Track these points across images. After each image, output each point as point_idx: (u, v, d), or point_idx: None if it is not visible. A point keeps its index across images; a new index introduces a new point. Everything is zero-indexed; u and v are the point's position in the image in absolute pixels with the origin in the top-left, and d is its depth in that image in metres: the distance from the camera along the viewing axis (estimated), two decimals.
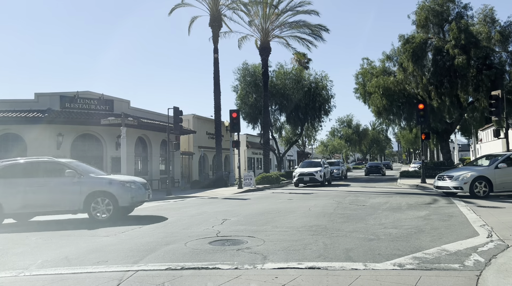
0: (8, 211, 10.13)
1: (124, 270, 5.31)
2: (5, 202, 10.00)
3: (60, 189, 10.27)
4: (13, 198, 10.07)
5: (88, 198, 10.21)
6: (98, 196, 10.26)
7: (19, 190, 10.13)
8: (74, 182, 10.24)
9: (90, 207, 10.21)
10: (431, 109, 27.31)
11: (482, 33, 26.11)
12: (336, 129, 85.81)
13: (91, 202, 10.21)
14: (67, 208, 10.34)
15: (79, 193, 10.18)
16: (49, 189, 10.24)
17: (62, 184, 10.29)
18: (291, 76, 38.14)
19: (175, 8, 30.31)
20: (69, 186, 10.23)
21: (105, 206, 10.27)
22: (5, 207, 10.01)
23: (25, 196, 10.10)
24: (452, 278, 4.58)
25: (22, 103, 23.69)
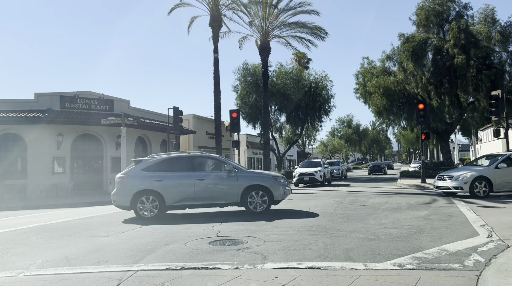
0: (169, 203, 10.47)
1: (124, 270, 5.31)
2: (166, 194, 10.37)
3: (219, 183, 10.70)
4: (174, 191, 10.45)
5: (245, 191, 10.58)
6: (254, 190, 10.62)
7: (179, 183, 10.53)
8: (231, 176, 10.65)
9: (247, 200, 10.57)
10: (431, 109, 27.31)
11: (482, 33, 26.12)
12: (336, 129, 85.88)
13: (248, 195, 10.59)
14: (225, 201, 10.74)
15: (236, 186, 10.58)
16: (209, 183, 10.67)
17: (221, 178, 10.72)
18: (291, 76, 38.14)
19: (174, 8, 30.28)
20: (227, 180, 10.65)
21: (261, 200, 10.60)
22: (167, 199, 10.38)
23: (186, 189, 10.49)
24: (452, 278, 4.58)
25: (22, 103, 23.70)
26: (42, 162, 22.86)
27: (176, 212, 11.52)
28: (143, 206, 10.31)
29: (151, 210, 10.29)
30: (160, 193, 10.32)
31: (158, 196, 10.30)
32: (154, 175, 10.43)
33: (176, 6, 30.14)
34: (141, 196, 10.31)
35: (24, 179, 22.65)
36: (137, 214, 10.37)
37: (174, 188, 10.44)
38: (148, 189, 10.33)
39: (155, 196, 10.30)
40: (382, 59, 31.19)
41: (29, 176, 22.67)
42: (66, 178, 23.55)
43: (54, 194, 22.43)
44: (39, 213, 14.13)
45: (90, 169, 25.50)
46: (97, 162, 25.53)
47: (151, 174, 10.46)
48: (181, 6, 30.22)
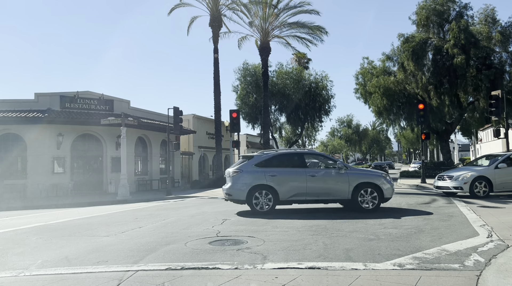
0: (282, 198, 10.70)
1: (124, 270, 5.31)
2: (280, 189, 10.62)
3: (330, 179, 10.89)
4: (288, 186, 10.71)
5: (356, 188, 10.69)
6: (364, 187, 10.70)
7: (293, 178, 10.80)
8: (341, 173, 10.82)
9: (358, 197, 10.66)
10: (431, 109, 27.31)
11: (482, 33, 26.12)
12: (336, 129, 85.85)
13: (358, 192, 10.67)
14: (336, 197, 10.91)
15: (347, 183, 10.71)
16: (320, 179, 10.87)
17: (331, 174, 10.94)
18: (291, 76, 38.16)
19: (174, 8, 30.32)
20: (337, 177, 10.82)
21: (370, 197, 10.69)
22: (281, 194, 10.63)
23: (298, 185, 10.73)
24: (452, 278, 4.57)
25: (22, 103, 23.69)
26: (42, 162, 22.86)
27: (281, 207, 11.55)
28: (258, 200, 10.60)
29: (266, 204, 10.58)
30: (274, 187, 10.62)
31: (272, 191, 10.61)
32: (268, 171, 10.75)
33: (176, 6, 30.19)
34: (256, 191, 10.60)
35: (24, 179, 22.65)
36: (252, 208, 10.62)
37: (287, 183, 10.74)
38: (263, 184, 10.63)
39: (269, 190, 10.61)
40: (382, 59, 31.20)
41: (29, 176, 22.68)
42: (66, 178, 23.55)
43: (54, 194, 22.43)
44: (39, 213, 14.13)
45: (90, 169, 25.50)
46: (97, 162, 25.53)
47: (265, 170, 10.79)
48: (181, 6, 30.27)
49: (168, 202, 16.74)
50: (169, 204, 15.58)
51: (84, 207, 16.30)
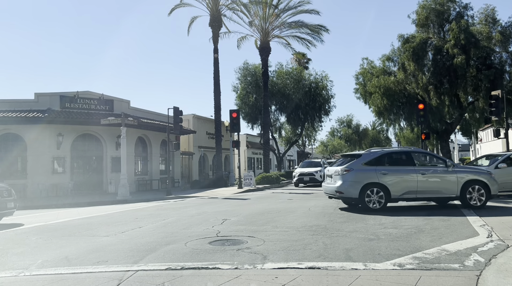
0: (394, 196, 10.82)
1: (124, 270, 5.31)
2: (392, 187, 10.76)
3: (440, 177, 11.01)
4: (399, 184, 10.83)
5: (464, 186, 10.80)
6: (472, 185, 10.82)
7: (404, 176, 10.92)
8: (449, 171, 10.96)
9: (466, 194, 10.78)
10: (430, 109, 27.28)
11: (482, 33, 26.10)
12: (336, 130, 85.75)
13: (466, 190, 10.79)
14: (445, 195, 11.00)
15: (456, 181, 10.85)
16: (430, 177, 10.97)
17: (440, 172, 11.05)
18: (291, 76, 38.16)
19: (174, 9, 30.35)
20: (447, 174, 10.96)
21: (478, 194, 10.79)
22: (392, 192, 10.77)
23: (409, 183, 10.83)
24: (452, 278, 4.57)
25: (22, 103, 23.70)
26: (42, 162, 22.86)
27: None
28: (370, 198, 10.67)
29: (378, 202, 10.66)
30: (386, 185, 10.72)
31: (383, 189, 10.70)
32: (379, 169, 10.85)
33: (177, 7, 30.21)
34: (368, 189, 10.69)
35: (24, 179, 22.65)
36: (364, 205, 10.69)
37: (399, 181, 10.85)
38: (374, 182, 10.72)
39: (380, 188, 10.70)
40: (382, 59, 31.19)
41: (29, 176, 22.68)
42: (66, 178, 23.56)
43: (54, 194, 22.43)
44: (39, 213, 14.14)
45: (90, 169, 25.50)
46: (97, 162, 25.53)
47: (375, 168, 10.89)
48: (182, 6, 30.29)
49: (168, 202, 16.74)
50: (169, 204, 15.59)
51: (84, 207, 16.30)
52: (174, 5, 30.12)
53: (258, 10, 32.37)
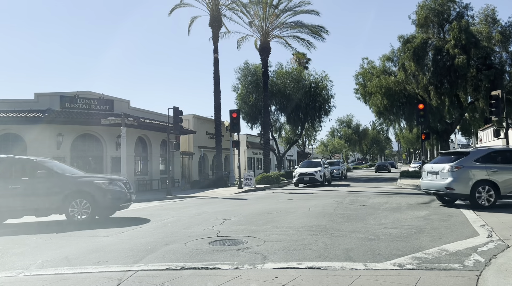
0: (503, 193, 10.94)
1: (124, 270, 5.31)
2: (502, 184, 10.86)
3: None
4: (508, 181, 10.92)
5: None
6: None
7: None
8: None
9: None
10: (431, 109, 27.30)
11: (482, 33, 26.13)
12: (336, 130, 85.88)
13: None
14: None
15: None
16: None
17: None
18: (291, 76, 38.15)
19: (174, 9, 30.33)
20: None
21: None
22: (502, 189, 10.88)
23: None
24: (452, 278, 4.58)
25: (22, 103, 23.69)
26: None
27: None
28: (480, 195, 10.80)
29: (488, 199, 10.76)
30: (496, 183, 10.81)
31: (493, 186, 10.82)
32: (488, 166, 10.95)
33: (176, 7, 30.19)
34: (478, 186, 10.82)
35: None
36: (474, 202, 10.78)
37: (509, 179, 10.92)
38: (485, 179, 10.84)
39: (491, 186, 10.82)
40: (382, 60, 31.23)
41: None
42: None
43: None
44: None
45: (90, 169, 25.48)
46: (97, 162, 25.53)
47: (485, 165, 11.00)
48: (182, 6, 30.28)
49: (168, 202, 16.74)
50: (169, 204, 15.59)
51: None
52: (174, 5, 30.12)
53: (258, 10, 32.37)
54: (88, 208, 10.09)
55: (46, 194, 10.04)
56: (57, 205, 10.05)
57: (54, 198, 10.01)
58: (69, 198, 10.06)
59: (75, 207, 10.07)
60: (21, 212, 10.13)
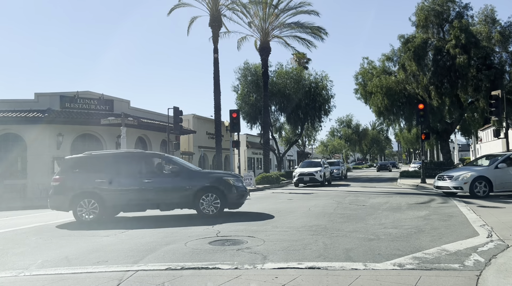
0: None
1: (124, 270, 5.31)
2: None
3: None
4: None
5: None
6: None
7: None
8: None
9: None
10: (431, 109, 27.31)
11: (482, 33, 26.14)
12: (336, 130, 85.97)
13: None
14: None
15: None
16: None
17: None
18: (292, 76, 38.16)
19: (174, 8, 30.29)
20: None
21: None
22: None
23: None
24: (452, 278, 4.57)
25: (22, 103, 23.70)
26: (42, 162, 22.86)
27: None
28: None
29: None
30: None
31: None
32: None
33: (176, 7, 30.16)
34: None
35: (24, 179, 22.65)
36: None
37: None
38: None
39: None
40: (382, 59, 31.23)
41: (29, 176, 22.67)
42: None
43: None
44: (39, 213, 14.13)
45: None
46: None
47: None
48: (181, 6, 30.24)
49: None
50: None
51: None
52: (173, 5, 30.09)
53: (258, 10, 32.36)
54: (218, 203, 10.23)
55: (178, 188, 10.24)
56: (188, 200, 10.23)
57: (185, 192, 10.21)
58: (199, 193, 10.20)
59: (205, 201, 10.21)
60: (150, 205, 10.31)
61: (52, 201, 10.39)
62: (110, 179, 10.15)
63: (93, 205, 10.03)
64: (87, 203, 10.04)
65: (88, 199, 10.04)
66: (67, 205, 10.14)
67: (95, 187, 10.10)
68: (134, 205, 10.25)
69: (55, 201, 10.33)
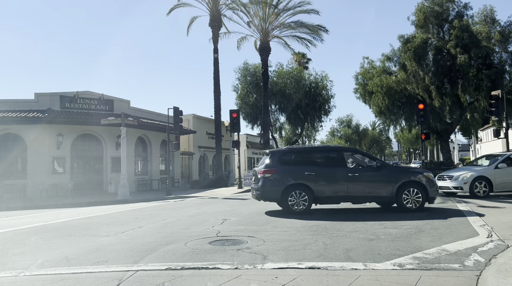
0: None
1: (124, 270, 5.31)
2: None
3: None
4: None
5: None
6: None
7: None
8: None
9: None
10: (431, 109, 27.30)
11: (482, 33, 26.13)
12: (336, 130, 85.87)
13: None
14: None
15: None
16: None
17: None
18: (292, 76, 38.20)
19: (174, 8, 30.32)
20: None
21: None
22: None
23: None
24: (452, 278, 4.57)
25: (22, 103, 23.70)
26: (42, 162, 22.86)
27: None
28: None
29: None
30: None
31: None
32: None
33: (176, 6, 30.18)
34: None
35: (24, 179, 22.65)
36: None
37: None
38: None
39: None
40: (382, 59, 31.20)
41: (29, 176, 22.67)
42: (66, 178, 23.55)
43: (54, 194, 22.42)
44: (39, 213, 14.13)
45: (90, 169, 25.50)
46: (97, 162, 25.53)
47: None
48: (181, 6, 30.26)
49: (168, 202, 16.73)
50: (169, 204, 15.58)
51: (84, 207, 16.29)
52: (173, 5, 30.10)
53: (258, 10, 32.37)
54: (420, 197, 10.41)
55: (383, 182, 10.57)
56: (390, 194, 10.49)
57: (389, 187, 10.47)
58: (402, 187, 10.44)
59: (408, 196, 10.42)
60: (350, 198, 10.67)
61: (263, 192, 10.70)
62: (318, 171, 10.57)
63: (303, 196, 10.40)
64: (298, 194, 10.43)
65: (299, 190, 10.42)
66: (279, 196, 10.53)
67: (305, 179, 10.47)
68: (338, 197, 10.63)
69: (267, 192, 10.67)
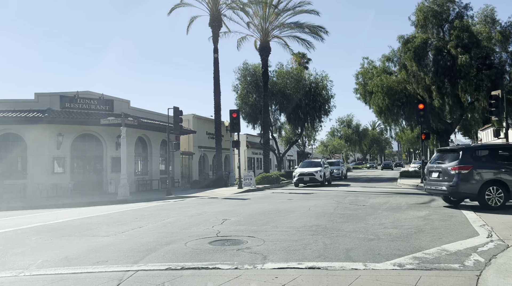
0: None
1: (124, 270, 5.31)
2: None
3: None
4: None
5: None
6: None
7: None
8: None
9: None
10: (431, 109, 27.32)
11: (482, 33, 26.15)
12: (336, 130, 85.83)
13: None
14: None
15: None
16: None
17: None
18: (292, 76, 38.16)
19: (174, 8, 30.32)
20: None
21: None
22: None
23: None
24: (452, 278, 4.58)
25: (22, 103, 23.69)
26: (42, 162, 22.85)
27: None
28: None
29: None
30: None
31: None
32: None
33: (176, 6, 30.18)
34: None
35: (24, 179, 22.64)
36: None
37: None
38: None
39: None
40: (382, 60, 31.22)
41: (29, 176, 22.66)
42: (66, 178, 23.54)
43: (54, 194, 22.42)
44: (39, 213, 14.13)
45: (90, 169, 25.50)
46: (97, 162, 25.53)
47: None
48: (181, 6, 30.27)
49: (168, 202, 16.73)
50: (169, 204, 15.58)
51: (84, 207, 16.30)
52: (173, 5, 30.10)
53: (258, 10, 32.38)
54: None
55: None
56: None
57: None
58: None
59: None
60: None
61: (458, 188, 10.80)
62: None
63: (499, 193, 10.56)
64: (495, 190, 10.59)
65: (496, 186, 10.59)
66: (476, 192, 10.68)
67: (501, 176, 10.66)
68: None
69: (462, 188, 10.79)
